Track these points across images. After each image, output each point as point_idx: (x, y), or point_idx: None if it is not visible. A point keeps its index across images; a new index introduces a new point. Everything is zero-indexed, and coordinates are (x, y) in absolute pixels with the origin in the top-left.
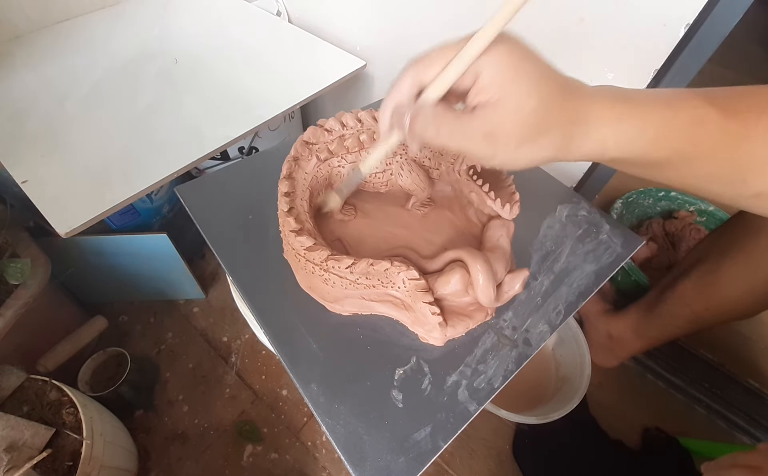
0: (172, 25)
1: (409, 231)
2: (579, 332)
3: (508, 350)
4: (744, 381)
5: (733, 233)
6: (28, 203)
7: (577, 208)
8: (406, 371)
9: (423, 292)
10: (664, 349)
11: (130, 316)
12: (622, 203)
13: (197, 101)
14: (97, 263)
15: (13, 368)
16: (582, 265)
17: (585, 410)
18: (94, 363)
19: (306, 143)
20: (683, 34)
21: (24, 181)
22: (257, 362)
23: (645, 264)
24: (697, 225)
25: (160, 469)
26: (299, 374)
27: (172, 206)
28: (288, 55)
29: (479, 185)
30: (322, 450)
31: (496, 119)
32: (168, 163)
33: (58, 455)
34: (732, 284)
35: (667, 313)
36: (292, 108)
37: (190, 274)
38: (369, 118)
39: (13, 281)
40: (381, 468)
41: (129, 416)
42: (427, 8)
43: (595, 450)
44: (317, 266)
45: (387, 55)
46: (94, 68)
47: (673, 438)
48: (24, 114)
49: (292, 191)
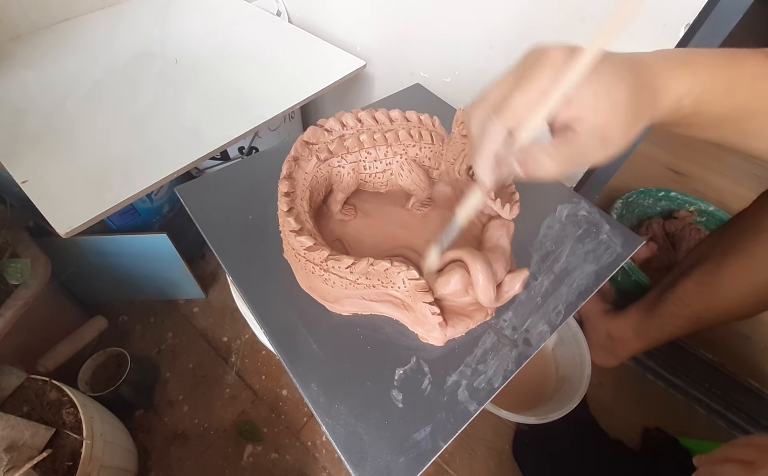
0: (172, 25)
1: (409, 231)
2: (579, 332)
3: (508, 350)
4: (744, 381)
5: (734, 234)
6: (28, 203)
7: (577, 208)
8: (406, 371)
9: (423, 292)
10: (664, 349)
11: (130, 316)
12: (622, 203)
13: (197, 101)
14: (97, 263)
15: (13, 368)
16: (582, 265)
17: (585, 410)
18: (94, 363)
19: (306, 143)
20: (683, 34)
21: (24, 181)
22: (257, 362)
23: (645, 264)
24: (697, 225)
25: (160, 469)
26: (299, 374)
27: (172, 206)
28: (288, 55)
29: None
30: (322, 450)
31: (601, 125)
32: (168, 163)
33: (58, 455)
34: (732, 284)
35: (667, 313)
36: (292, 108)
37: (190, 274)
38: (369, 118)
39: (13, 281)
40: (381, 468)
41: (129, 416)
42: (427, 8)
43: (595, 450)
44: (317, 266)
45: (387, 55)
46: (94, 68)
47: (673, 438)
48: (24, 114)
49: (292, 191)
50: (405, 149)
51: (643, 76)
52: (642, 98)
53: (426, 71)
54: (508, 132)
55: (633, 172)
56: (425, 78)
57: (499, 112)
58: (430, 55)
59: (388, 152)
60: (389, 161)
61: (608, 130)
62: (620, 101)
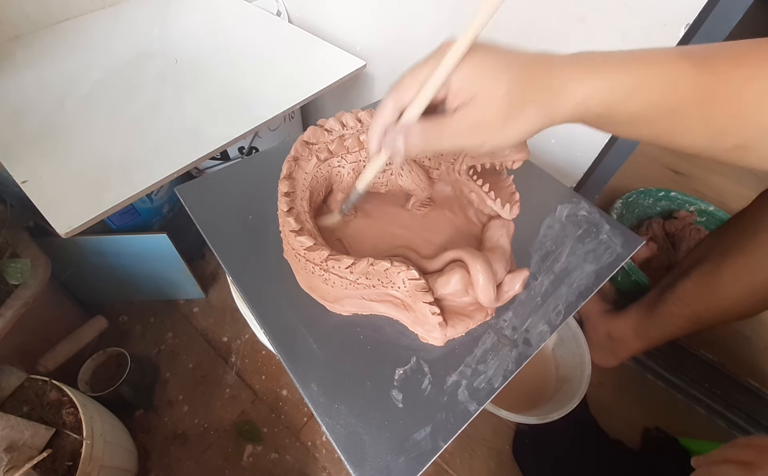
0: (172, 25)
1: (409, 231)
2: (579, 332)
3: (508, 350)
4: (744, 381)
5: (734, 234)
6: (28, 203)
7: (577, 208)
8: (406, 371)
9: (423, 292)
10: (664, 349)
11: (130, 316)
12: (622, 203)
13: (197, 101)
14: (97, 263)
15: (13, 368)
16: (582, 265)
17: (585, 410)
18: (94, 363)
19: (306, 143)
20: (683, 34)
21: (24, 181)
22: (257, 362)
23: (645, 264)
24: (697, 225)
25: (160, 469)
26: (299, 374)
27: (172, 206)
28: (288, 55)
29: (479, 185)
30: (322, 450)
31: (475, 112)
32: (168, 163)
33: (58, 455)
34: (732, 284)
35: (667, 313)
36: (292, 108)
37: (190, 274)
38: (369, 118)
39: (13, 281)
40: (381, 468)
41: (129, 416)
42: (426, 8)
43: (595, 450)
44: (317, 266)
45: (387, 55)
46: (94, 68)
47: (673, 438)
48: (24, 114)
49: (292, 191)
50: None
51: (536, 74)
52: (528, 94)
53: None
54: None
55: (633, 172)
56: None
57: (392, 90)
58: None
59: None
60: (389, 162)
61: (481, 118)
62: (497, 93)
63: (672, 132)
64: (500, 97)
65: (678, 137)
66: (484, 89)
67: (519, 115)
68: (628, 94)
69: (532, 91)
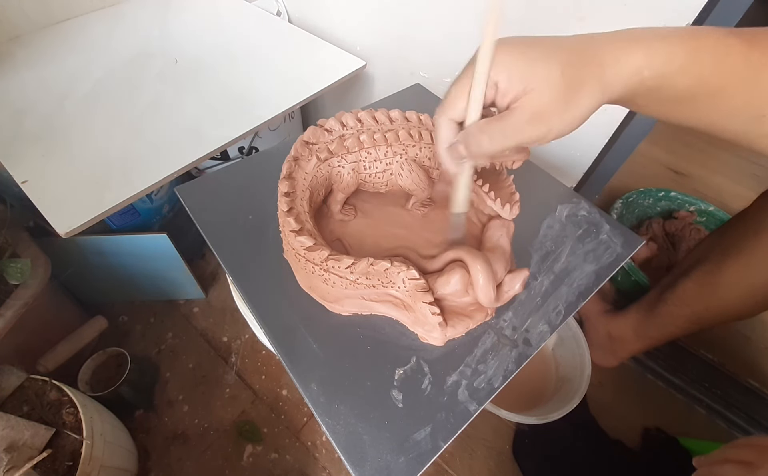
0: (172, 25)
1: (409, 231)
2: (579, 332)
3: (508, 350)
4: (744, 381)
5: (734, 234)
6: (28, 203)
7: (577, 208)
8: (406, 371)
9: (423, 292)
10: (664, 349)
11: (130, 316)
12: (622, 203)
13: (197, 101)
14: (97, 263)
15: (13, 368)
16: (582, 265)
17: (585, 410)
18: (94, 363)
19: (306, 143)
20: None
21: (24, 181)
22: (257, 362)
23: (645, 264)
24: (697, 225)
25: (160, 469)
26: (299, 374)
27: (172, 206)
28: (288, 55)
29: (479, 186)
30: (322, 450)
31: (534, 102)
32: (168, 163)
33: (58, 455)
34: (732, 284)
35: (667, 313)
36: (292, 108)
37: (190, 274)
38: (369, 118)
39: (13, 281)
40: (381, 468)
41: (129, 416)
42: (426, 8)
43: (595, 450)
44: (317, 266)
45: (387, 55)
46: (94, 68)
47: (673, 438)
48: (24, 114)
49: (292, 191)
50: (405, 149)
51: (585, 53)
52: (582, 72)
53: (426, 71)
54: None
55: (633, 172)
56: (425, 78)
57: (439, 111)
58: (430, 55)
59: (388, 152)
60: (389, 161)
61: (541, 106)
62: (551, 77)
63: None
64: (556, 80)
65: (719, 119)
66: (536, 78)
67: (578, 94)
68: (681, 66)
69: (586, 69)
